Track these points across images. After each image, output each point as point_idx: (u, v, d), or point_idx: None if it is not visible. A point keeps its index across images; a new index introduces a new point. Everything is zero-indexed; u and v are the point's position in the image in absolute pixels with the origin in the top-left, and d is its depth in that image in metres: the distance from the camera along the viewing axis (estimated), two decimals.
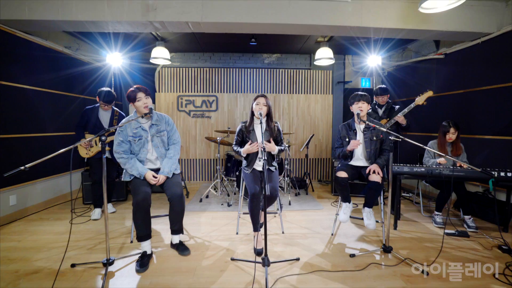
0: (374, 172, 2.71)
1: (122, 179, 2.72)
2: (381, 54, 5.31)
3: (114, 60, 4.72)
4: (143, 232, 2.55)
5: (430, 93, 3.55)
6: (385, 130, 2.57)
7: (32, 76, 3.81)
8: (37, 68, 3.91)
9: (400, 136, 2.44)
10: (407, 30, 3.63)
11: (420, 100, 3.56)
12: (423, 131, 4.77)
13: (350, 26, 3.46)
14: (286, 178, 4.74)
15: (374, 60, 5.21)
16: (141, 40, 4.86)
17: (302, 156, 6.06)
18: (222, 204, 4.22)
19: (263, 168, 2.23)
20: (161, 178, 2.65)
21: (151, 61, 4.81)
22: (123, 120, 2.66)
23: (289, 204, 4.24)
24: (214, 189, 4.86)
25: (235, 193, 4.61)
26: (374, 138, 2.91)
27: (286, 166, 4.71)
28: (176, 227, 2.71)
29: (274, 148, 2.82)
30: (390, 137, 2.46)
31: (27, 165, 1.78)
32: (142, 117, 2.62)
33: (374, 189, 2.71)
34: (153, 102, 5.79)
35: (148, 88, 2.72)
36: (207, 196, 4.62)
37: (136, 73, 5.69)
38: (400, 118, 3.65)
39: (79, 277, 2.23)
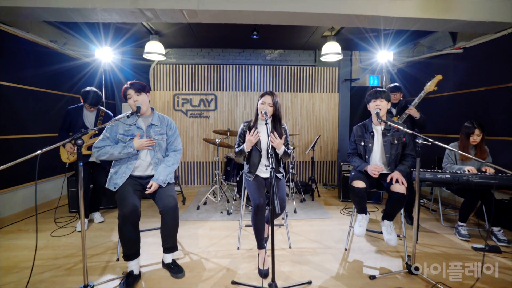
0: (397, 181, 2.35)
1: (106, 186, 2.36)
2: (391, 50, 4.95)
3: (104, 56, 4.35)
4: (130, 250, 2.19)
5: (439, 77, 3.27)
6: (410, 132, 2.21)
7: (12, 72, 3.45)
8: (18, 63, 3.55)
9: (430, 140, 2.09)
10: (424, 20, 3.26)
11: (430, 86, 3.26)
12: (438, 132, 4.41)
13: (363, 15, 3.09)
14: (290, 183, 4.37)
15: (384, 56, 4.84)
16: (133, 33, 4.49)
17: (306, 158, 5.70)
18: (221, 212, 3.86)
19: (270, 175, 1.87)
20: (154, 185, 2.30)
21: (145, 56, 4.45)
22: (120, 115, 2.29)
23: (295, 212, 3.88)
24: (213, 194, 4.50)
25: (235, 199, 4.24)
26: (396, 141, 2.54)
27: (290, 170, 4.34)
28: (169, 245, 2.34)
29: (280, 146, 2.41)
30: (417, 140, 2.11)
31: None
32: (128, 116, 2.25)
33: (397, 201, 2.34)
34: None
35: None
36: (205, 203, 4.26)
37: (129, 69, 5.31)
38: (412, 110, 3.30)
39: None
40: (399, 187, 2.31)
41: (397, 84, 3.70)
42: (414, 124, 3.49)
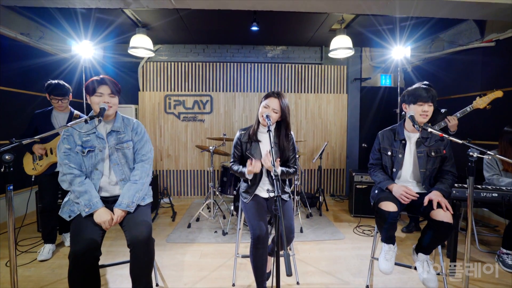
0: (439, 205, 1.79)
1: (58, 213, 1.82)
2: (408, 45, 4.41)
3: (84, 51, 3.81)
4: None
5: (498, 94, 2.63)
6: (461, 141, 1.67)
7: None
8: None
9: (489, 152, 1.55)
10: (455, 4, 2.73)
11: (482, 102, 2.65)
12: (464, 138, 3.85)
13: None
14: (295, 196, 3.82)
15: (399, 52, 4.28)
16: (117, 26, 3.96)
17: (312, 167, 5.15)
18: (215, 232, 3.31)
19: (275, 195, 1.33)
20: (117, 213, 1.76)
21: (130, 52, 3.93)
22: (75, 121, 1.74)
23: (301, 231, 3.33)
24: (207, 209, 3.95)
25: (232, 215, 3.69)
26: (433, 153, 1.99)
27: (296, 182, 3.78)
28: (141, 286, 1.79)
29: (271, 168, 1.72)
30: (470, 153, 1.57)
31: None
32: (87, 121, 1.71)
33: (442, 232, 1.78)
34: (136, 103, 4.91)
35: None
36: (197, 219, 3.71)
37: (114, 67, 4.78)
38: (454, 121, 2.73)
39: None
40: (444, 215, 1.75)
41: (426, 82, 3.13)
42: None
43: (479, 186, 2.35)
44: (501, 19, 3.19)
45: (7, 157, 1.33)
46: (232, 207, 3.51)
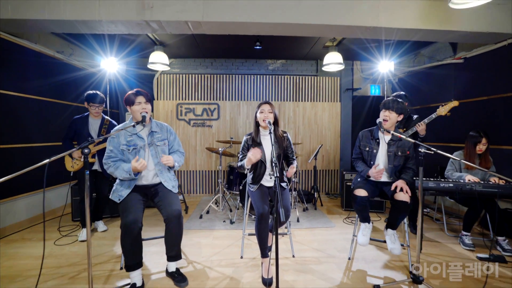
0: (401, 190, 2.35)
1: (109, 197, 2.37)
2: (392, 60, 5.01)
3: (110, 66, 4.42)
4: (132, 260, 2.19)
5: (454, 103, 3.18)
6: (413, 141, 2.23)
7: (19, 82, 3.52)
8: (25, 73, 3.61)
9: (432, 149, 2.11)
10: (426, 31, 3.31)
11: (443, 110, 3.20)
12: (439, 141, 4.42)
13: (365, 26, 3.15)
14: (293, 192, 4.37)
15: (385, 66, 4.90)
16: (138, 44, 4.57)
17: (309, 167, 5.71)
18: (224, 221, 3.85)
19: (275, 184, 1.88)
20: (167, 158, 2.35)
21: (149, 66, 4.51)
22: (118, 126, 2.34)
23: (298, 221, 3.88)
24: (216, 203, 4.50)
25: (238, 208, 4.24)
26: (400, 153, 2.56)
27: (294, 179, 4.34)
28: (173, 253, 2.35)
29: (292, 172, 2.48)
30: (420, 149, 2.13)
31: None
32: (134, 125, 2.28)
33: (401, 209, 2.35)
34: (152, 110, 5.47)
35: None
36: (207, 212, 4.26)
37: (134, 79, 5.39)
38: (422, 126, 3.29)
39: None
40: (403, 196, 2.32)
41: (402, 92, 3.67)
42: (416, 139, 3.49)
43: (442, 180, 2.90)
44: (461, 41, 3.84)
45: (86, 150, 1.89)
46: (238, 200, 4.06)
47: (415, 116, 3.49)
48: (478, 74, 3.90)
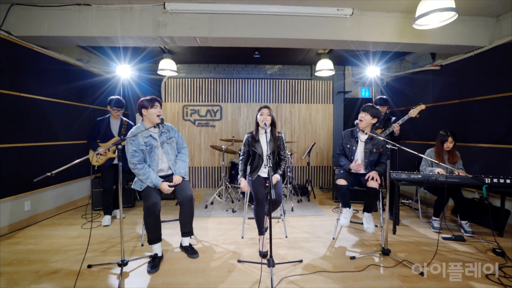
0: (372, 178, 2.86)
1: (131, 187, 2.88)
2: (379, 65, 5.51)
3: (123, 72, 4.94)
4: (154, 235, 2.70)
5: (422, 107, 3.70)
6: (382, 138, 2.73)
7: (47, 87, 4.01)
8: (52, 80, 4.12)
9: (397, 145, 2.61)
10: (403, 44, 3.82)
11: (413, 113, 3.71)
12: (420, 139, 4.93)
13: (349, 40, 3.66)
14: (288, 186, 4.89)
15: (373, 71, 5.40)
16: (149, 52, 5.08)
17: (303, 164, 6.22)
18: (227, 211, 4.36)
19: (268, 175, 2.38)
20: (177, 179, 2.84)
21: (159, 72, 5.01)
22: (132, 129, 2.82)
23: (292, 210, 4.39)
24: (219, 195, 5.01)
25: (239, 200, 4.75)
26: (374, 150, 3.06)
27: (288, 174, 4.86)
28: (187, 229, 2.86)
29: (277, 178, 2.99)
30: (387, 145, 2.63)
31: (53, 172, 1.98)
32: (155, 127, 2.78)
33: (372, 195, 2.86)
34: None
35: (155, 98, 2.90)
36: (212, 203, 4.77)
37: (144, 83, 5.90)
38: (397, 127, 3.80)
39: (96, 277, 2.38)
40: (373, 183, 2.83)
41: (384, 97, 4.19)
42: (393, 139, 3.98)
43: (414, 172, 3.40)
44: (433, 52, 4.43)
45: (119, 146, 2.39)
46: (239, 193, 4.57)
47: (393, 118, 4.00)
48: (451, 80, 4.40)
